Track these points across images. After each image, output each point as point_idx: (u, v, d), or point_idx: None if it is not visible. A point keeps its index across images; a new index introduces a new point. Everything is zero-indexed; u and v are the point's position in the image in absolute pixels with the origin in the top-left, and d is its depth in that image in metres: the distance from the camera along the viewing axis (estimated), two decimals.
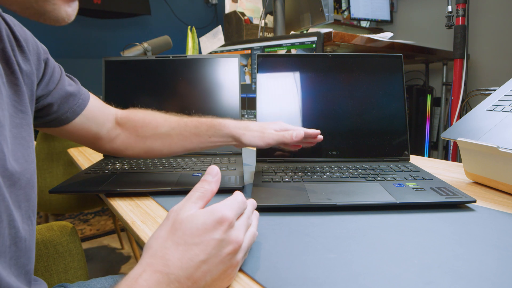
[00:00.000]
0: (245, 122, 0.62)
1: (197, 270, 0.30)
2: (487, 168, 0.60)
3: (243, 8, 2.02)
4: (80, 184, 0.63)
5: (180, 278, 0.29)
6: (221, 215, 0.32)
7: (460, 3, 1.62)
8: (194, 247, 0.30)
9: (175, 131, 0.65)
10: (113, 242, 1.97)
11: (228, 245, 0.31)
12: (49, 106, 0.53)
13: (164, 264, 0.29)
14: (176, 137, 0.65)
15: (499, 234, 0.42)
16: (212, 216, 0.32)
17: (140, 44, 1.13)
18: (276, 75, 0.76)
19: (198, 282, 0.30)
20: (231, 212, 0.33)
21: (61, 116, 0.55)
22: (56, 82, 0.53)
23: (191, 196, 0.35)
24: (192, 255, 0.30)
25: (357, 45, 1.35)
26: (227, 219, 0.32)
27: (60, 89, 0.54)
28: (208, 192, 0.35)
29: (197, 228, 0.31)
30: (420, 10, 2.31)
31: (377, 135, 0.73)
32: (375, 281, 0.33)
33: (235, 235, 0.32)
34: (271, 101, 0.74)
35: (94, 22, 2.92)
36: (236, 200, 0.35)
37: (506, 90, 0.66)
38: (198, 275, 0.30)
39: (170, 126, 0.65)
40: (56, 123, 0.56)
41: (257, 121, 0.68)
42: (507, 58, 1.88)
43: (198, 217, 0.32)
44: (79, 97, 0.58)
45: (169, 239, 0.31)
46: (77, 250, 0.75)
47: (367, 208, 0.51)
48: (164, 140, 0.65)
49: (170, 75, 0.85)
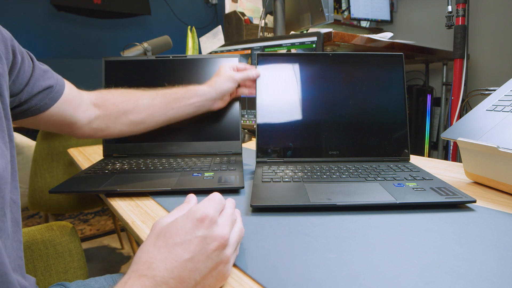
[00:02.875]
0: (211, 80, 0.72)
1: (184, 270, 0.29)
2: (487, 168, 0.60)
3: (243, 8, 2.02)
4: (80, 184, 0.63)
5: (166, 279, 0.29)
6: (200, 213, 0.32)
7: (460, 3, 1.62)
8: (176, 247, 0.30)
9: (156, 100, 0.66)
10: (113, 242, 1.97)
11: (213, 241, 0.31)
12: (24, 100, 0.50)
13: (149, 267, 0.29)
14: (158, 105, 0.66)
15: (499, 234, 0.42)
16: (192, 216, 0.32)
17: (140, 44, 1.13)
18: (276, 74, 0.76)
19: (187, 281, 0.29)
20: (210, 210, 0.32)
21: (35, 105, 0.52)
22: (28, 77, 0.49)
23: (175, 209, 0.35)
24: (176, 255, 0.30)
25: (357, 45, 1.35)
26: (207, 216, 0.32)
27: (34, 84, 0.50)
28: (193, 199, 0.36)
29: (177, 230, 0.31)
30: (420, 10, 2.31)
31: (377, 135, 0.73)
32: (375, 281, 0.33)
33: (219, 231, 0.32)
34: (271, 101, 0.74)
35: (94, 22, 2.93)
36: (213, 199, 0.35)
37: (506, 90, 0.66)
38: (185, 274, 0.29)
39: (150, 97, 0.66)
40: (30, 113, 0.52)
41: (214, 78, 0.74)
42: (507, 58, 1.88)
43: (178, 220, 0.32)
44: (54, 87, 0.54)
45: (152, 245, 0.31)
46: (76, 250, 0.75)
47: (367, 208, 0.51)
48: (147, 111, 0.65)
49: (170, 75, 0.85)
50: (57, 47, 2.77)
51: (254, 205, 0.50)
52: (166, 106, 0.67)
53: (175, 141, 0.82)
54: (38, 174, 1.42)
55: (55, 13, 2.74)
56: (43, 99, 0.52)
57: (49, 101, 0.53)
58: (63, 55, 2.79)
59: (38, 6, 2.67)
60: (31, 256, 0.70)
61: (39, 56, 0.53)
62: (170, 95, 0.68)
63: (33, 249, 0.70)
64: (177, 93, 0.69)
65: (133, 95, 0.66)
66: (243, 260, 0.37)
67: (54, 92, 0.54)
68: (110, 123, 0.64)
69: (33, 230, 0.72)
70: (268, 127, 0.73)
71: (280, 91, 0.75)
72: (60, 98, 0.55)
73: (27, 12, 2.63)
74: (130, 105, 0.65)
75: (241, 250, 0.39)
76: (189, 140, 0.82)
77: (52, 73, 0.56)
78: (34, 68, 0.51)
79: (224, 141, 0.82)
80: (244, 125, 1.19)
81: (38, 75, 0.52)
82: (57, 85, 0.55)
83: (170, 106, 0.67)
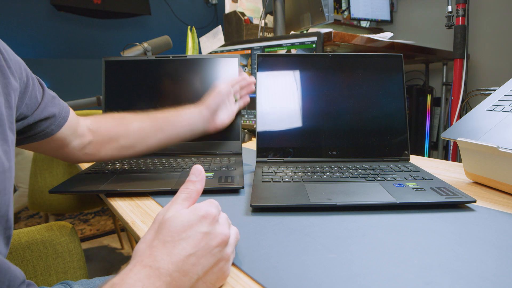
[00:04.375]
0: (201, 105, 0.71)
1: (187, 263, 0.30)
2: (487, 168, 0.60)
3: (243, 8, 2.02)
4: (80, 184, 0.63)
5: (170, 272, 0.29)
6: (205, 210, 0.33)
7: (460, 3, 1.62)
8: (181, 242, 0.31)
9: (145, 123, 0.66)
10: (113, 242, 1.97)
11: (216, 237, 0.32)
12: (31, 124, 0.51)
13: (153, 260, 0.30)
14: (148, 129, 0.65)
15: (499, 234, 0.42)
16: (197, 212, 0.33)
17: (140, 44, 1.13)
18: (276, 75, 0.76)
19: (189, 275, 0.30)
20: (214, 209, 0.34)
21: (43, 131, 0.53)
22: (38, 102, 0.51)
23: (177, 197, 0.35)
24: (180, 249, 0.31)
25: (357, 45, 1.35)
26: (211, 214, 0.33)
27: (43, 109, 0.52)
28: (194, 192, 0.36)
29: (183, 225, 0.32)
30: (420, 10, 2.31)
31: (377, 135, 0.73)
32: (375, 281, 0.33)
33: (221, 229, 0.33)
34: (271, 101, 0.74)
35: (94, 22, 2.93)
36: (213, 202, 0.36)
37: (506, 90, 0.66)
38: (187, 267, 0.30)
39: (140, 120, 0.66)
40: (37, 138, 0.53)
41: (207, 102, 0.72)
42: (507, 58, 1.88)
43: (183, 215, 0.33)
44: (60, 113, 0.55)
45: (156, 238, 0.32)
46: (76, 250, 0.75)
47: (367, 208, 0.51)
48: (136, 135, 0.65)
49: (170, 75, 0.85)
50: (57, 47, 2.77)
51: (254, 205, 0.50)
52: (155, 128, 0.66)
53: None
54: (38, 174, 1.42)
55: (55, 13, 2.74)
56: (50, 125, 0.54)
57: (55, 128, 0.54)
58: (63, 55, 2.79)
59: (38, 6, 2.67)
60: (30, 256, 0.69)
61: (39, 56, 0.53)
62: (161, 118, 0.67)
63: (32, 249, 0.70)
64: (168, 115, 0.67)
65: (124, 119, 0.66)
66: (243, 260, 0.37)
67: (60, 118, 0.55)
68: (101, 148, 0.64)
69: (32, 230, 0.72)
70: (268, 127, 0.73)
71: (280, 91, 0.75)
72: (64, 125, 0.56)
73: (27, 12, 2.63)
74: (121, 130, 0.64)
75: (241, 250, 0.39)
76: (189, 140, 0.82)
77: (59, 99, 0.57)
78: (44, 94, 0.53)
79: (224, 141, 0.82)
80: (244, 125, 1.19)
81: (48, 100, 0.53)
82: (62, 112, 0.56)
83: (159, 128, 0.66)
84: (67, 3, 2.68)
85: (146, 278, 0.28)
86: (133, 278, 0.28)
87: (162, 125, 0.66)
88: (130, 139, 0.65)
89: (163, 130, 0.66)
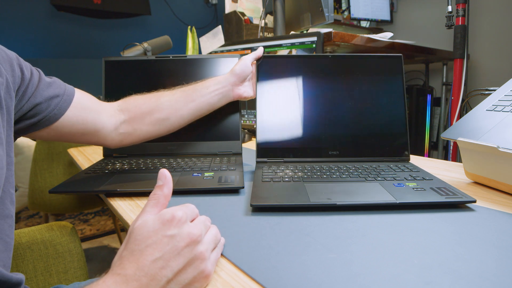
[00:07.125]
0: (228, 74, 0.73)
1: (154, 267, 0.31)
2: (487, 168, 0.60)
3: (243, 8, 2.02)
4: (80, 184, 0.63)
5: (138, 277, 0.30)
6: (170, 214, 0.33)
7: (460, 3, 1.62)
8: (147, 248, 0.32)
9: (176, 95, 0.68)
10: (113, 242, 1.97)
11: (183, 238, 0.33)
12: (29, 110, 0.51)
13: (122, 268, 0.31)
14: (179, 99, 0.67)
15: (499, 234, 0.42)
16: (161, 217, 0.33)
17: (140, 44, 1.12)
18: (276, 75, 0.76)
19: (157, 278, 0.31)
20: (180, 212, 0.34)
21: (45, 116, 0.52)
22: (34, 89, 0.51)
23: (146, 206, 0.36)
24: (147, 255, 0.31)
25: (357, 45, 1.35)
26: (176, 216, 0.33)
27: (37, 94, 0.51)
28: (161, 197, 0.37)
29: (148, 231, 0.33)
30: (420, 10, 2.31)
31: (377, 135, 0.73)
32: (374, 281, 0.33)
33: (188, 229, 0.34)
34: (271, 102, 0.74)
35: (94, 22, 2.92)
36: (186, 206, 0.36)
37: (506, 90, 0.66)
38: (155, 271, 0.31)
39: (170, 93, 0.68)
40: (42, 124, 0.53)
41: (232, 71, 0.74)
42: (507, 58, 1.88)
43: (149, 222, 0.33)
44: (62, 96, 0.55)
45: (125, 249, 0.33)
46: (76, 250, 0.75)
47: (367, 208, 0.51)
48: (169, 107, 0.67)
49: (170, 75, 0.85)
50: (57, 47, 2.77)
51: (254, 204, 0.50)
52: (186, 98, 0.68)
53: (175, 141, 0.82)
54: (38, 174, 1.42)
55: (55, 13, 2.74)
56: (51, 108, 0.53)
57: (58, 110, 0.54)
58: (63, 55, 2.79)
59: (38, 6, 2.67)
60: (31, 256, 0.69)
61: (39, 56, 0.53)
62: (189, 88, 0.70)
63: (33, 249, 0.70)
64: (196, 85, 0.71)
65: (154, 95, 0.68)
66: (243, 260, 0.37)
67: (62, 101, 0.55)
68: (136, 125, 0.65)
69: (33, 230, 0.72)
70: (268, 127, 0.73)
71: (280, 91, 0.75)
72: (70, 106, 0.56)
73: (27, 12, 2.63)
74: (153, 104, 0.66)
75: (241, 250, 0.39)
76: (189, 140, 0.82)
77: (59, 83, 0.56)
78: (40, 81, 0.53)
79: (224, 141, 0.82)
80: (244, 125, 1.19)
81: (43, 86, 0.53)
82: (65, 94, 0.55)
83: (190, 98, 0.68)
84: (67, 3, 2.68)
85: (114, 285, 0.30)
86: (102, 285, 0.30)
87: (192, 95, 0.69)
88: (163, 112, 0.66)
89: (194, 99, 0.68)
